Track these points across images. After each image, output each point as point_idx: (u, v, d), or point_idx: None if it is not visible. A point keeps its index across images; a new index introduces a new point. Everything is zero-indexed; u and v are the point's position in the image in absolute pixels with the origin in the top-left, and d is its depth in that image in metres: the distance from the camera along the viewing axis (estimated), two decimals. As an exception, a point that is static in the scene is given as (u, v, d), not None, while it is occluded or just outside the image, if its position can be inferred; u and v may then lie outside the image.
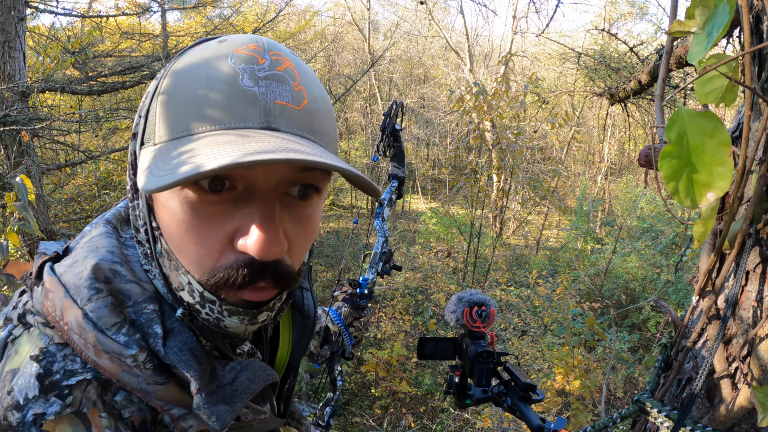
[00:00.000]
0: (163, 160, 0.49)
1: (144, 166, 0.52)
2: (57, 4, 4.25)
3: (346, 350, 1.29)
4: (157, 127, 0.53)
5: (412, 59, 18.57)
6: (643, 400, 1.00)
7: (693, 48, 0.71)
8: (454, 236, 9.94)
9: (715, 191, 0.70)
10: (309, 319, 0.75)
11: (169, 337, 0.54)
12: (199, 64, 0.53)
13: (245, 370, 0.59)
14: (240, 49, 0.53)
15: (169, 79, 0.54)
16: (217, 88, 0.51)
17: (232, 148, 0.46)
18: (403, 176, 1.47)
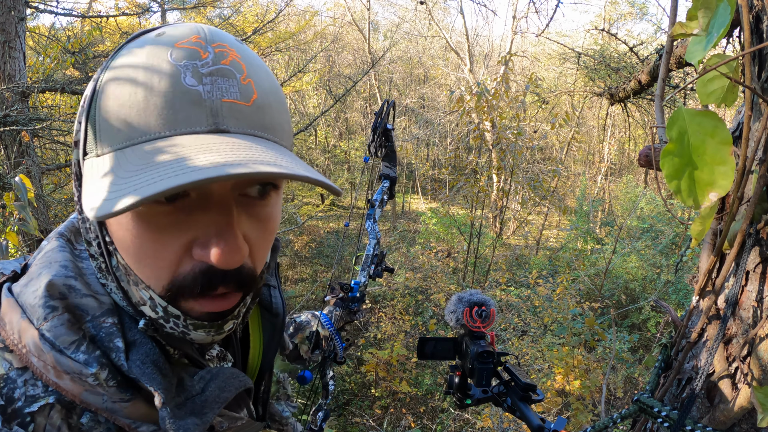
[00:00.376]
0: (109, 179, 0.45)
1: (90, 183, 0.47)
2: (57, 4, 4.25)
3: (338, 354, 1.27)
4: (98, 137, 0.48)
5: (412, 59, 18.58)
6: (643, 400, 1.00)
7: (692, 47, 0.71)
8: (454, 236, 9.94)
9: (718, 190, 0.70)
10: (278, 317, 0.73)
11: (132, 350, 0.51)
12: (137, 63, 0.48)
13: (215, 379, 0.56)
14: (180, 43, 0.49)
15: (107, 83, 0.49)
16: (159, 91, 0.47)
17: (184, 161, 0.43)
18: (395, 176, 1.44)
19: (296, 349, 1.18)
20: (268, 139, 0.51)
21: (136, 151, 0.46)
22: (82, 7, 10.96)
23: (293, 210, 8.83)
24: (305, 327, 1.21)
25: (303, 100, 17.39)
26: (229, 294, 0.53)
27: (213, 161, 0.42)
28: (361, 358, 6.55)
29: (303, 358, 1.19)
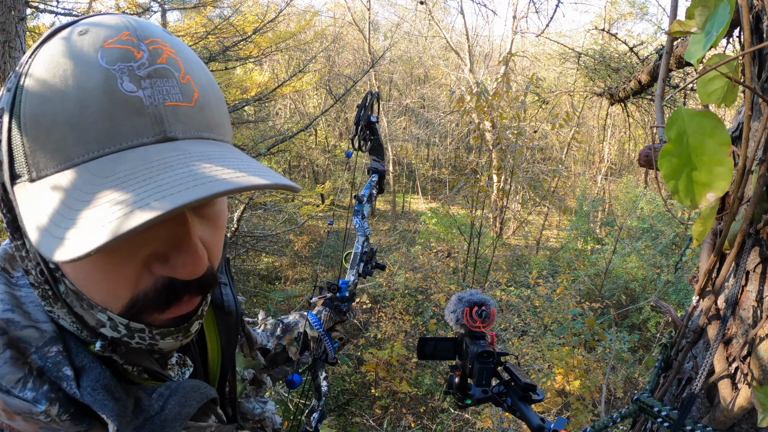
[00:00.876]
0: (59, 210, 0.40)
1: (33, 217, 0.42)
2: (57, 4, 4.25)
3: (329, 355, 1.25)
4: (29, 159, 0.43)
5: (412, 59, 18.59)
6: (643, 400, 1.00)
7: (691, 47, 0.71)
8: (454, 236, 9.94)
9: (715, 191, 0.70)
10: (231, 315, 0.72)
11: (82, 377, 0.48)
12: (64, 70, 0.42)
13: (175, 394, 0.53)
14: (109, 43, 0.44)
15: (29, 95, 0.43)
16: (94, 102, 0.41)
17: (140, 186, 0.39)
18: (384, 170, 1.40)
19: (284, 351, 1.15)
20: (214, 139, 0.48)
21: (82, 174, 0.41)
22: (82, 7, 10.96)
23: (293, 210, 8.83)
24: (293, 328, 1.19)
25: (303, 100, 17.39)
26: (192, 298, 0.51)
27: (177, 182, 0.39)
28: (361, 358, 6.55)
29: (292, 360, 1.16)
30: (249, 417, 0.85)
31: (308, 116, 15.49)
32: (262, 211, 7.09)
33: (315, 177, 17.72)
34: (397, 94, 19.22)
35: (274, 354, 1.14)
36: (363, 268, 1.31)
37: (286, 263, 10.49)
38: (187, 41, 5.82)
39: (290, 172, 17.20)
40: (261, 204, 7.49)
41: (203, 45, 5.84)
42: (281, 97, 12.29)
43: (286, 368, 1.17)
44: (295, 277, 10.14)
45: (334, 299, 1.26)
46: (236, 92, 7.77)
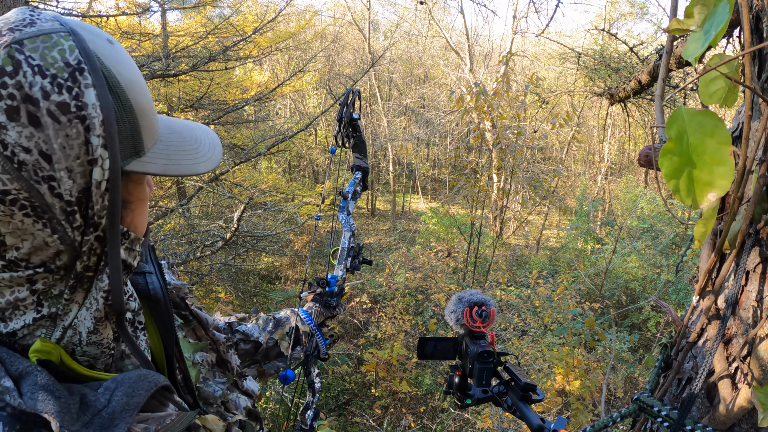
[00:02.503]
0: (185, 156, 0.64)
1: (170, 165, 0.61)
2: (57, 4, 4.24)
3: (321, 351, 1.26)
4: (144, 139, 0.58)
5: (412, 59, 18.58)
6: (643, 399, 1.00)
7: (689, 45, 0.71)
8: (454, 236, 9.94)
9: (717, 191, 0.70)
10: (159, 303, 0.74)
11: (21, 384, 0.50)
12: (137, 74, 0.58)
13: (121, 386, 0.55)
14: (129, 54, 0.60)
15: (132, 93, 0.56)
16: (150, 96, 0.60)
17: (194, 132, 0.69)
18: (367, 167, 1.43)
19: (276, 345, 1.17)
20: None
21: (171, 138, 0.64)
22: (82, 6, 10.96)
23: (293, 210, 8.82)
24: (284, 323, 1.21)
25: (303, 100, 17.39)
26: None
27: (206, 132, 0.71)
28: (361, 358, 6.55)
29: (284, 355, 1.18)
30: (211, 401, 0.85)
31: (308, 116, 15.48)
32: (262, 211, 7.08)
33: (315, 177, 17.72)
34: (397, 93, 19.22)
35: (266, 348, 1.16)
36: (351, 263, 1.34)
37: (286, 263, 10.49)
38: (187, 41, 5.82)
39: (290, 171, 17.19)
40: (261, 204, 7.49)
41: (203, 45, 5.83)
42: (281, 96, 12.29)
43: (278, 363, 1.18)
44: (295, 277, 10.13)
45: (323, 294, 1.27)
46: (236, 92, 7.76)
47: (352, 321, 8.03)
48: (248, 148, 7.04)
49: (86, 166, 0.51)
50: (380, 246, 11.20)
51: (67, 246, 0.53)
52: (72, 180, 0.51)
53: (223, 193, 6.91)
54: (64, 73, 0.49)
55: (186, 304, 0.87)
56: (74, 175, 0.51)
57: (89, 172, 0.52)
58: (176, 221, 6.89)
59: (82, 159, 0.51)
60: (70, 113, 0.49)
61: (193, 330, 0.89)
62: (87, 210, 0.53)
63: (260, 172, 11.64)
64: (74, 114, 0.49)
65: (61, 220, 0.51)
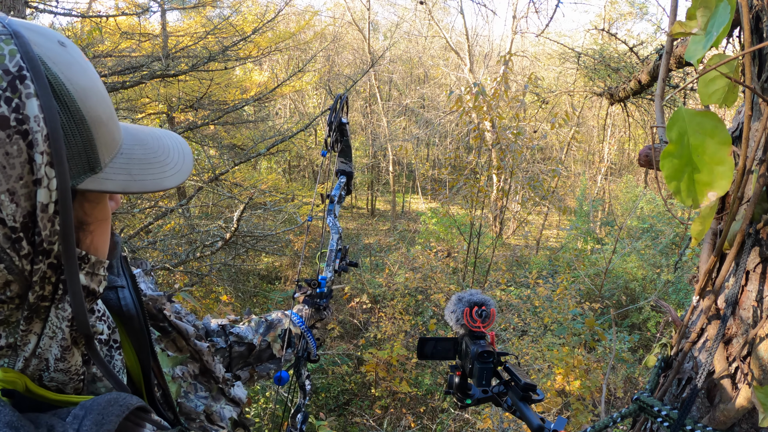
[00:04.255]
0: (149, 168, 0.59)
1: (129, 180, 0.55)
2: (57, 4, 4.23)
3: (311, 353, 1.27)
4: (100, 153, 0.53)
5: (412, 59, 18.59)
6: (643, 399, 1.00)
7: (691, 46, 0.71)
8: (454, 236, 9.94)
9: (717, 190, 0.70)
10: (133, 319, 0.70)
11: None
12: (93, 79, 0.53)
13: (90, 413, 0.51)
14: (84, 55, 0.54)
15: (85, 100, 0.51)
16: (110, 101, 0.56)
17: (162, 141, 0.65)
18: (351, 171, 1.46)
19: (269, 347, 1.17)
20: None
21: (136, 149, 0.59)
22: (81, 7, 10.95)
23: (293, 210, 8.83)
24: (276, 325, 1.21)
25: (303, 100, 17.39)
26: None
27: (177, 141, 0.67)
28: (361, 358, 6.55)
29: (276, 357, 1.17)
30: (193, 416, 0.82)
31: (308, 116, 15.48)
32: (262, 211, 7.08)
33: (315, 177, 17.71)
34: (396, 94, 19.22)
35: (259, 350, 1.16)
36: (339, 265, 1.35)
37: (286, 263, 10.49)
38: (186, 41, 5.82)
39: (290, 172, 17.20)
40: (261, 204, 7.49)
41: (203, 45, 5.83)
42: (281, 97, 12.28)
43: (270, 365, 1.18)
44: (295, 277, 10.13)
45: (313, 295, 1.28)
46: (236, 92, 7.76)
47: (352, 321, 8.03)
48: (248, 149, 7.04)
49: (31, 187, 0.46)
50: (380, 246, 11.20)
51: (16, 276, 0.48)
52: (15, 204, 0.45)
53: (223, 193, 6.91)
54: (3, 82, 0.44)
55: (164, 315, 0.83)
56: (17, 198, 0.45)
57: (34, 194, 0.46)
58: (176, 221, 6.89)
59: (25, 179, 0.45)
60: (10, 128, 0.44)
61: (173, 341, 0.86)
62: (34, 236, 0.47)
63: (260, 173, 11.65)
64: (14, 129, 0.44)
65: (5, 248, 0.46)
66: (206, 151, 8.15)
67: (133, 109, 7.01)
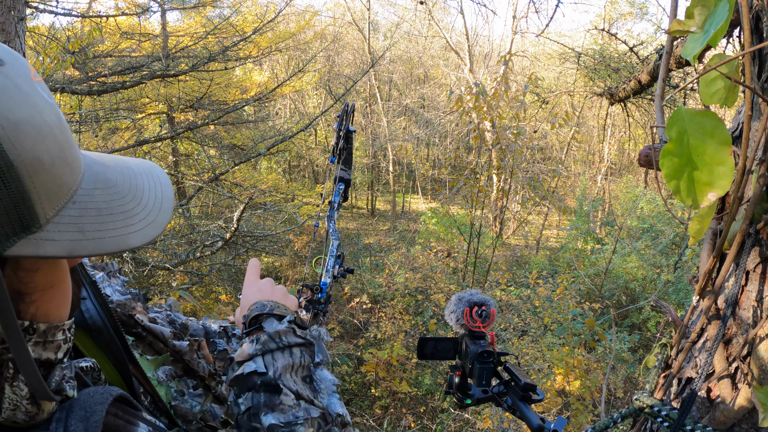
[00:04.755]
0: (110, 221, 0.47)
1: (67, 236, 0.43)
2: (57, 4, 4.24)
3: None
4: (37, 207, 0.41)
5: (412, 59, 18.58)
6: (643, 399, 1.00)
7: (689, 44, 0.71)
8: (454, 236, 9.94)
9: (717, 191, 0.70)
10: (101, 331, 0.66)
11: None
12: (33, 109, 0.41)
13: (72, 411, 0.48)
14: (35, 77, 0.44)
15: (20, 140, 0.40)
16: (62, 135, 0.44)
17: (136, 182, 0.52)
18: (350, 179, 1.49)
19: None
20: None
21: (96, 194, 0.47)
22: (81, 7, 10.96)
23: (293, 210, 8.84)
24: None
25: (303, 100, 17.39)
26: None
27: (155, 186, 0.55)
28: (361, 358, 6.55)
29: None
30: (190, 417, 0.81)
31: (308, 116, 15.49)
32: (262, 211, 7.09)
33: (315, 177, 17.72)
34: (396, 94, 19.22)
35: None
36: (338, 270, 1.37)
37: (286, 263, 10.48)
38: (186, 41, 5.82)
39: (290, 172, 17.20)
40: (261, 204, 7.50)
41: (203, 45, 5.84)
42: (281, 97, 12.29)
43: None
44: (295, 277, 10.13)
45: (313, 300, 1.29)
46: (236, 92, 7.77)
47: (352, 321, 8.03)
48: (248, 149, 7.04)
49: None
50: (380, 246, 11.20)
51: None
52: None
53: (223, 193, 6.91)
54: None
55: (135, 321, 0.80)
56: None
57: None
58: (176, 221, 6.89)
59: None
60: None
61: (149, 345, 0.83)
62: None
63: (260, 173, 11.65)
64: None
65: None
66: (206, 151, 8.15)
67: (133, 109, 7.01)
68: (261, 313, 0.77)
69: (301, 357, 0.73)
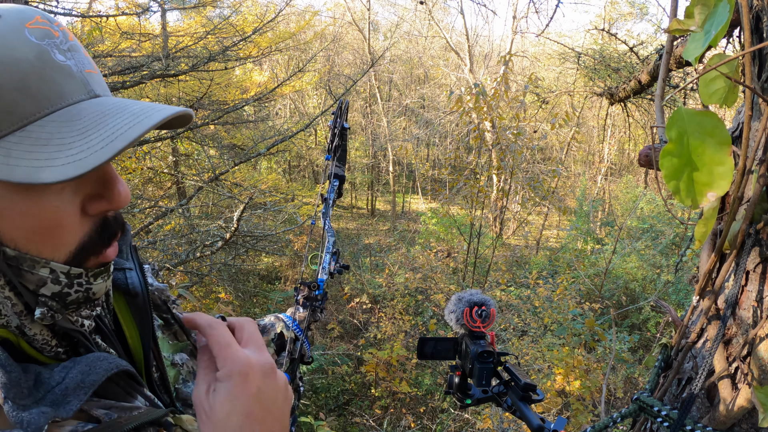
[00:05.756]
0: (49, 149, 0.47)
1: (13, 168, 0.46)
2: (57, 4, 4.24)
3: (306, 355, 1.27)
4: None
5: (412, 59, 18.58)
6: (643, 399, 1.00)
7: (689, 45, 0.71)
8: (454, 236, 9.94)
9: (716, 191, 0.70)
10: (137, 297, 0.72)
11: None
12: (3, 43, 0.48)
13: (78, 365, 0.53)
14: (30, 24, 0.51)
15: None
16: (34, 70, 0.48)
17: (112, 120, 0.50)
18: (344, 175, 1.50)
19: None
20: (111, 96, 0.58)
21: (49, 125, 0.48)
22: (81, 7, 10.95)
23: (293, 210, 8.84)
24: (269, 330, 1.20)
25: (303, 100, 17.39)
26: (115, 242, 0.58)
27: (136, 114, 0.51)
28: (361, 358, 6.55)
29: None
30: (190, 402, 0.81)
31: (308, 116, 15.48)
32: (262, 211, 7.09)
33: (315, 177, 17.72)
34: (396, 94, 19.22)
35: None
36: (334, 267, 1.37)
37: (286, 263, 10.49)
38: (186, 41, 5.82)
39: (290, 172, 17.20)
40: (261, 204, 7.49)
41: (203, 45, 5.83)
42: (281, 97, 12.29)
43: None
44: (295, 277, 10.13)
45: (311, 298, 1.29)
46: (236, 92, 7.76)
47: (352, 321, 8.03)
48: (248, 149, 7.04)
49: None
50: (380, 246, 11.20)
51: None
52: None
53: (223, 193, 6.91)
54: None
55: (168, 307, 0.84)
56: None
57: None
58: (176, 221, 6.89)
59: None
60: None
61: (174, 334, 0.86)
62: None
63: (260, 173, 11.65)
64: None
65: None
66: (206, 151, 8.15)
67: (133, 109, 7.00)
68: None
69: None
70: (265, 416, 0.53)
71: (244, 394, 0.52)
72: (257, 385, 0.53)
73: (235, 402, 0.52)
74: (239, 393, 0.52)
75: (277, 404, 0.56)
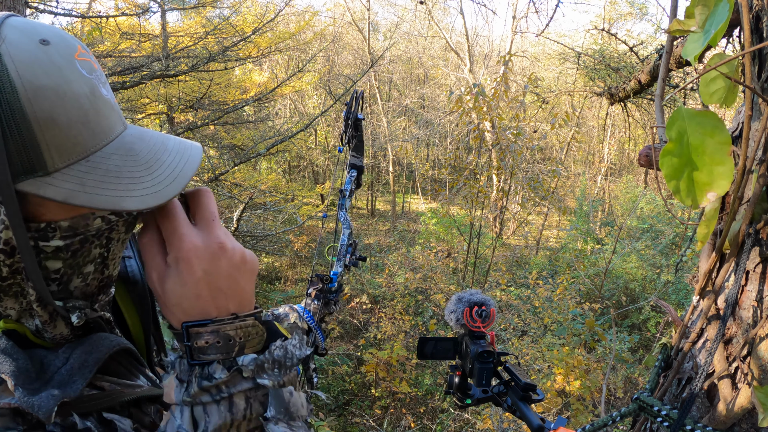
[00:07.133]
0: (115, 179, 0.51)
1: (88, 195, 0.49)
2: (57, 5, 4.24)
3: (319, 346, 1.29)
4: (45, 154, 0.48)
5: (411, 59, 18.58)
6: (642, 399, 1.00)
7: (689, 44, 0.71)
8: (454, 236, 9.94)
9: (716, 191, 0.70)
10: (137, 284, 0.75)
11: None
12: (61, 79, 0.50)
13: (80, 345, 0.57)
14: (78, 56, 0.53)
15: (38, 100, 0.48)
16: (90, 105, 0.52)
17: (161, 159, 0.55)
18: (362, 165, 1.47)
19: None
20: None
21: (110, 157, 0.52)
22: (81, 7, 10.96)
23: (293, 210, 8.84)
24: (283, 320, 1.24)
25: (303, 100, 17.38)
26: None
27: (178, 156, 0.57)
28: (361, 358, 6.54)
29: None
30: None
31: (308, 116, 15.48)
32: (262, 211, 7.09)
33: (315, 177, 17.71)
34: (396, 94, 19.22)
35: None
36: (349, 260, 1.36)
37: (286, 263, 10.49)
38: (186, 41, 5.82)
39: (290, 172, 17.19)
40: (261, 204, 7.50)
41: (203, 45, 5.83)
42: (281, 97, 12.28)
43: None
44: (295, 277, 10.13)
45: (324, 290, 1.29)
46: (236, 92, 7.76)
47: (352, 321, 8.03)
48: (248, 149, 7.04)
49: None
50: (380, 246, 11.20)
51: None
52: None
53: (223, 193, 6.91)
54: None
55: None
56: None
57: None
58: (176, 221, 6.86)
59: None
60: None
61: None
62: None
63: (260, 173, 11.63)
64: None
65: None
66: (206, 151, 8.14)
67: (133, 110, 7.01)
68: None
69: (246, 409, 0.54)
70: (215, 295, 0.54)
71: (191, 279, 0.53)
72: (203, 268, 0.53)
73: (184, 288, 0.53)
74: (186, 279, 0.53)
75: (232, 280, 0.55)
